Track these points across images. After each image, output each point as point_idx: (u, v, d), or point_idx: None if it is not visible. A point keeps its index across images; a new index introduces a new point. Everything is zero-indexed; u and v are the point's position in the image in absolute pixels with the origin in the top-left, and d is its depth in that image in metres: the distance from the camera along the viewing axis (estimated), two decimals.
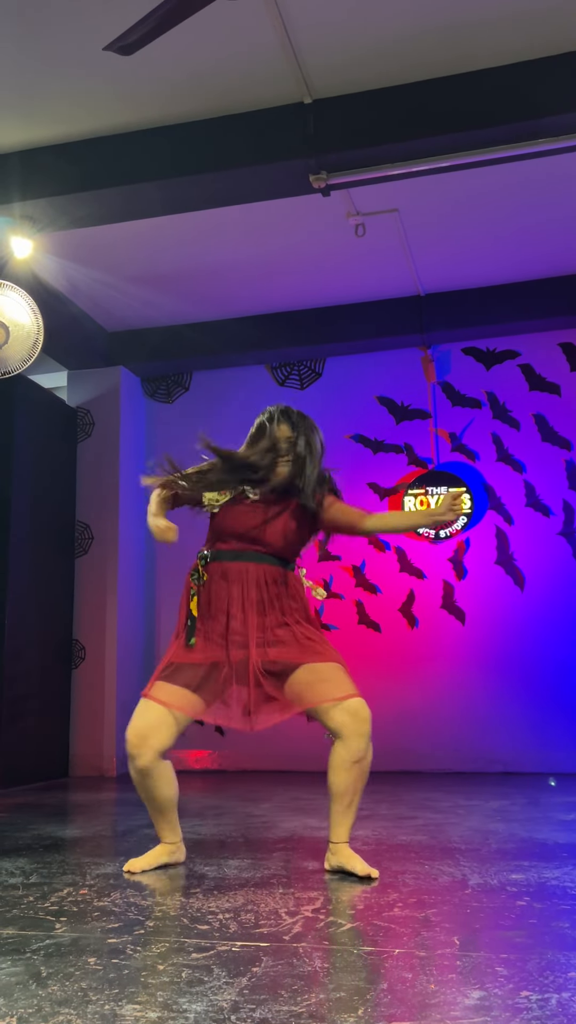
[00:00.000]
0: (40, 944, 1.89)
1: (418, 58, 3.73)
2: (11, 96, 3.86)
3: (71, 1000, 1.54)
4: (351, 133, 3.89)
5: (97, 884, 2.50)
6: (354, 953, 1.81)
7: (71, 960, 1.77)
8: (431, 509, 2.84)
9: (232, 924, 2.03)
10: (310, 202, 4.56)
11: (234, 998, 1.53)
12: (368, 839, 3.21)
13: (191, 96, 3.89)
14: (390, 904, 2.21)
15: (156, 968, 1.71)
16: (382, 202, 4.72)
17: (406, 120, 3.86)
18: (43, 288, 5.28)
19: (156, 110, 3.97)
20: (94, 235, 4.90)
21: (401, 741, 5.76)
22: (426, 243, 5.22)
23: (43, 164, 4.16)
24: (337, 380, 6.39)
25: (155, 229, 4.89)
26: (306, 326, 6.13)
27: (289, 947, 1.84)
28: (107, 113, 3.99)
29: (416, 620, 5.98)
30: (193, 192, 4.17)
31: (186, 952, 1.81)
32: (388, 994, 1.56)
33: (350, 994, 1.55)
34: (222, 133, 4.00)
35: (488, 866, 2.68)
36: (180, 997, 1.54)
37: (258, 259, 5.37)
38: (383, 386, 6.28)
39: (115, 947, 1.86)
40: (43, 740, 5.65)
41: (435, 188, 4.59)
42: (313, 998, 1.53)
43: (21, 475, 5.56)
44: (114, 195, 4.16)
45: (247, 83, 3.82)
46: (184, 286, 5.70)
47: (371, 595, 6.07)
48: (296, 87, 3.84)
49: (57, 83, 3.79)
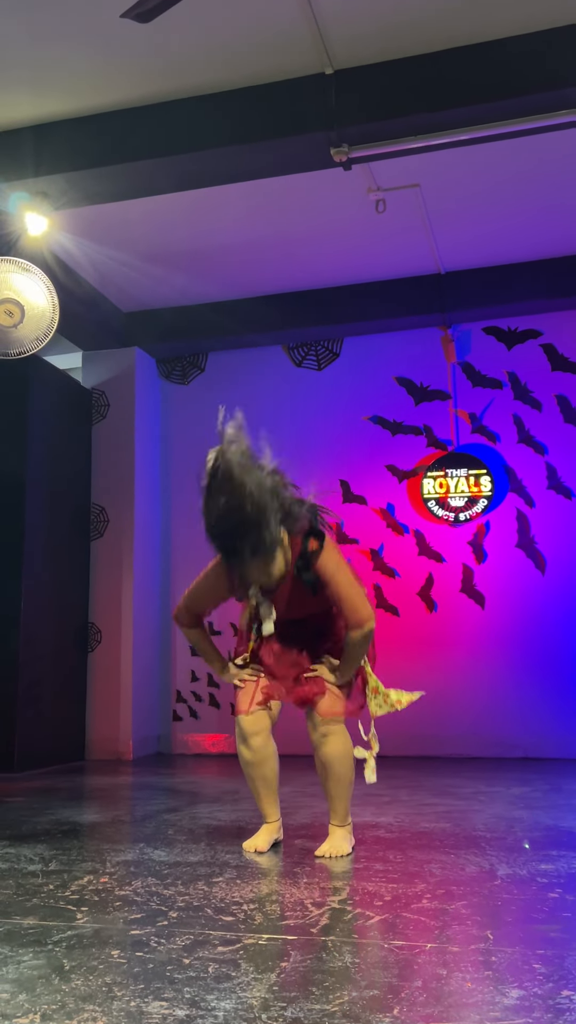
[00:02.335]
0: (62, 935, 1.85)
1: (441, 27, 3.62)
2: (24, 69, 3.77)
3: (95, 995, 1.49)
4: (373, 105, 3.78)
5: (117, 872, 2.46)
6: (385, 947, 1.75)
7: (94, 952, 1.73)
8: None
9: (257, 915, 1.99)
10: (330, 177, 4.46)
11: (263, 995, 1.48)
12: (391, 826, 3.16)
13: (209, 68, 3.79)
14: (418, 896, 2.16)
15: (182, 962, 1.66)
16: (403, 177, 4.61)
17: (429, 91, 3.75)
18: (57, 267, 5.20)
19: (173, 82, 3.87)
20: (109, 212, 4.81)
21: (420, 726, 5.70)
22: (447, 219, 5.10)
23: (58, 139, 4.07)
24: (355, 360, 6.30)
25: (171, 206, 4.80)
26: (324, 305, 6.03)
27: (317, 940, 1.79)
28: (122, 86, 3.89)
29: (435, 604, 5.90)
30: (211, 167, 4.07)
31: (212, 945, 1.76)
32: (423, 992, 1.50)
33: (384, 992, 1.50)
34: (241, 105, 3.90)
35: (515, 856, 2.63)
36: (208, 994, 1.49)
37: (276, 236, 5.28)
38: (402, 366, 6.18)
39: (139, 939, 1.81)
40: (59, 723, 5.62)
41: (457, 163, 4.48)
42: (346, 996, 1.48)
43: (36, 457, 5.51)
44: (130, 170, 4.07)
45: (267, 53, 3.71)
46: (200, 265, 5.60)
47: (389, 579, 6.00)
48: (317, 57, 3.73)
49: (71, 55, 3.70)
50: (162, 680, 6.30)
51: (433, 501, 5.90)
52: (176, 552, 6.43)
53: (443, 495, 5.88)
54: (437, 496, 5.89)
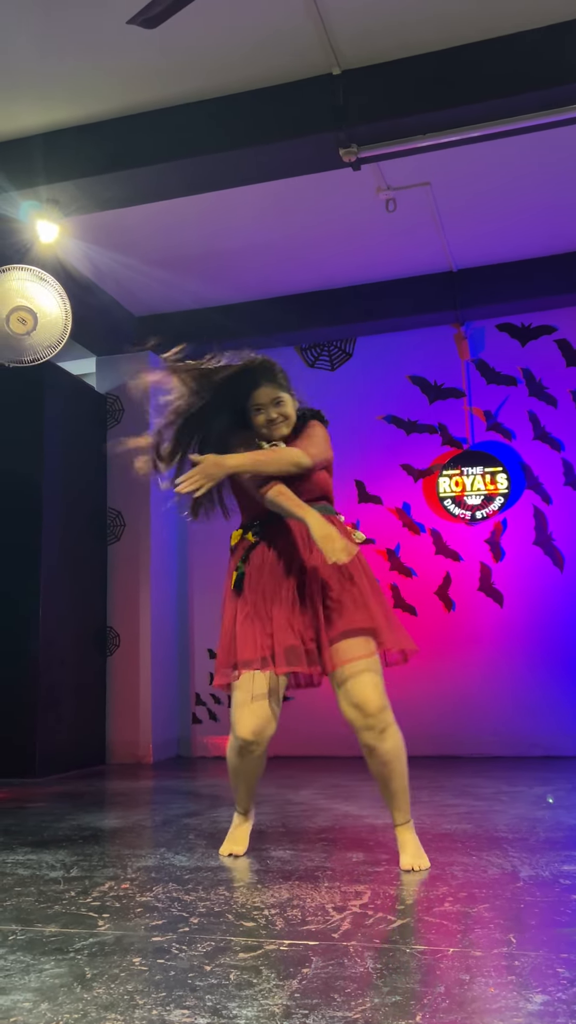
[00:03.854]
0: (84, 943, 1.85)
1: (449, 24, 3.60)
2: (32, 77, 3.78)
3: (117, 1004, 1.49)
4: (381, 104, 3.77)
5: (139, 878, 2.46)
6: (407, 952, 1.74)
7: (115, 960, 1.73)
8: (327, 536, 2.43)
9: (278, 921, 1.98)
10: (339, 177, 4.45)
11: (285, 1002, 1.48)
12: None
13: (216, 71, 3.79)
14: (440, 899, 2.15)
15: (203, 969, 1.65)
16: (413, 176, 4.59)
17: (437, 88, 3.73)
18: (69, 273, 5.22)
19: (180, 87, 3.88)
20: (118, 218, 4.82)
21: (440, 726, 5.68)
22: (458, 217, 5.08)
23: (67, 146, 4.08)
24: (368, 360, 6.28)
25: (180, 210, 4.80)
26: (336, 306, 6.02)
27: (339, 946, 1.78)
28: (129, 92, 3.90)
29: (453, 603, 5.88)
30: (220, 170, 4.07)
31: (233, 952, 1.76)
32: (445, 998, 1.49)
33: (406, 998, 1.49)
34: (248, 108, 3.89)
35: (538, 857, 2.61)
36: (229, 1001, 1.48)
37: (286, 238, 5.27)
38: (415, 365, 6.16)
39: (160, 946, 1.81)
40: (79, 728, 5.64)
41: (467, 160, 4.46)
42: (367, 1002, 1.47)
43: (52, 463, 5.53)
44: (140, 176, 4.08)
45: (273, 55, 3.71)
46: (211, 268, 5.61)
47: (406, 578, 5.98)
48: (324, 58, 3.73)
49: (78, 62, 3.70)
50: (180, 683, 6.31)
51: (449, 500, 5.88)
52: (193, 555, 6.44)
53: (459, 493, 5.86)
54: (453, 494, 5.87)
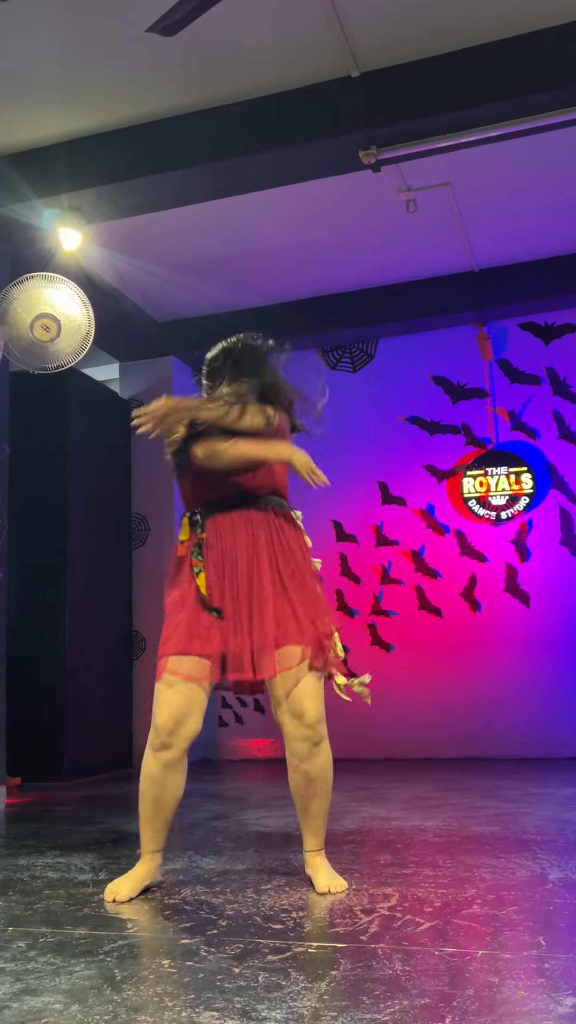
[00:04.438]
0: (113, 945, 1.86)
1: (466, 24, 3.59)
2: (54, 86, 3.82)
3: (147, 1006, 1.50)
4: (401, 105, 3.77)
5: (166, 881, 2.47)
6: (435, 955, 1.74)
7: (144, 963, 1.74)
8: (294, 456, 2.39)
9: (306, 923, 1.98)
10: (359, 180, 4.44)
11: (314, 1004, 1.48)
12: (440, 830, 3.13)
13: (235, 76, 3.81)
14: (468, 901, 2.14)
15: (232, 971, 1.66)
16: (434, 176, 4.58)
17: (457, 88, 3.73)
18: (91, 279, 5.26)
19: (200, 92, 3.90)
20: (139, 224, 4.85)
21: (467, 728, 5.66)
22: (480, 216, 5.06)
23: (89, 153, 4.11)
24: (390, 361, 6.27)
25: (200, 215, 4.82)
26: (357, 307, 6.01)
27: (367, 948, 1.78)
28: (149, 99, 3.92)
29: (479, 604, 5.85)
30: (241, 174, 4.09)
31: (261, 954, 1.76)
32: (475, 1000, 1.48)
33: (435, 1000, 1.49)
34: (268, 112, 3.91)
35: (567, 859, 2.59)
36: (258, 1003, 1.49)
37: (306, 241, 5.28)
38: (438, 366, 6.14)
39: (189, 948, 1.82)
40: (107, 731, 5.67)
41: (488, 159, 4.44)
42: (396, 1005, 1.47)
43: (78, 469, 5.58)
44: (161, 182, 4.11)
45: (292, 59, 3.72)
46: (231, 272, 5.62)
47: (431, 580, 5.96)
48: (343, 60, 3.73)
49: (99, 69, 3.74)
50: None
51: (474, 500, 5.85)
52: None
53: (484, 494, 5.83)
54: (478, 495, 5.84)
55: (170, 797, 2.30)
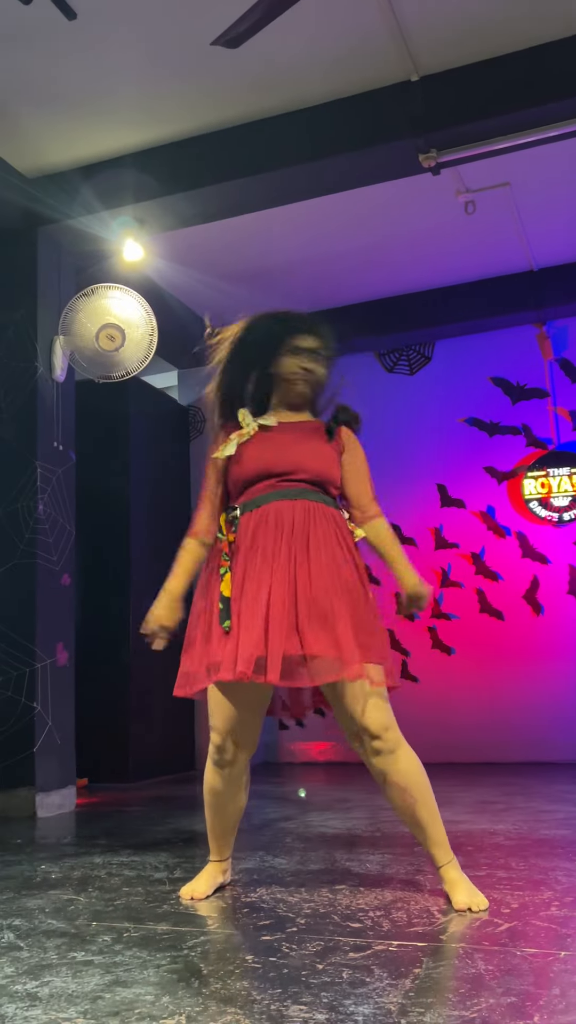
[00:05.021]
0: (195, 940, 1.90)
1: (524, 25, 3.58)
2: (121, 102, 3.90)
3: (235, 999, 1.53)
4: (460, 108, 3.77)
5: (241, 879, 2.51)
6: (517, 955, 1.74)
7: (228, 957, 1.77)
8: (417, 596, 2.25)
9: (384, 922, 2.00)
10: (417, 183, 4.45)
11: (401, 1000, 1.49)
12: (510, 833, 3.12)
13: (295, 84, 3.85)
14: (546, 903, 2.13)
15: (315, 967, 1.68)
16: (492, 176, 4.57)
17: (515, 90, 3.72)
18: (151, 288, 5.35)
19: (259, 102, 3.95)
20: (199, 233, 4.92)
21: (532, 731, 5.60)
22: (539, 216, 5.03)
23: (153, 166, 4.19)
24: (448, 363, 6.25)
25: (258, 224, 4.87)
26: (415, 310, 6.01)
27: (448, 948, 1.79)
28: (212, 109, 3.99)
29: (541, 607, 5.79)
30: (300, 181, 4.13)
31: (343, 951, 1.78)
32: (562, 1000, 1.48)
33: (521, 999, 1.49)
34: (328, 119, 3.94)
35: None
36: (345, 998, 1.51)
37: (362, 246, 5.29)
38: (497, 366, 6.10)
39: (270, 945, 1.85)
40: (169, 733, 5.75)
41: (547, 158, 4.41)
42: (483, 1002, 1.48)
43: (139, 475, 5.67)
44: (221, 191, 4.16)
45: (351, 66, 3.75)
46: (288, 279, 5.66)
47: (492, 583, 5.92)
48: (402, 65, 3.75)
49: (164, 85, 3.81)
50: None
51: (535, 501, 5.80)
52: None
53: (545, 495, 5.77)
54: (539, 496, 5.79)
55: (240, 807, 2.33)
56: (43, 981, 1.66)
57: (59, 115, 3.96)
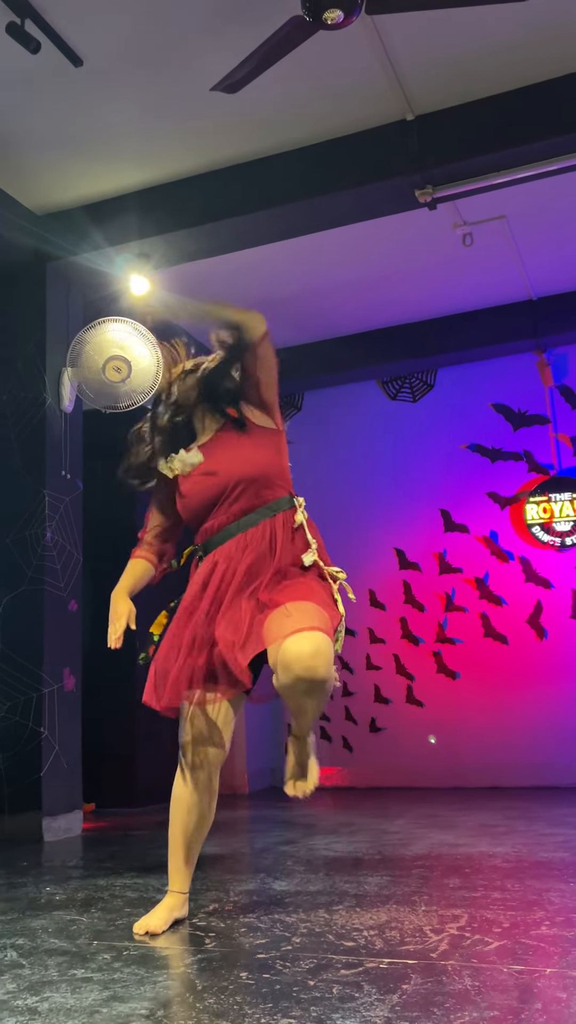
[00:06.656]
0: (193, 959, 1.95)
1: (517, 64, 3.70)
2: (126, 142, 4.04)
3: (227, 1013, 1.58)
4: (455, 145, 3.88)
5: (240, 900, 2.56)
6: (504, 971, 1.79)
7: (223, 974, 1.82)
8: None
9: (378, 941, 2.04)
10: (415, 216, 4.56)
11: (386, 1015, 1.54)
12: (508, 856, 3.15)
13: (293, 124, 3.98)
14: (537, 922, 2.17)
15: (307, 984, 1.73)
16: (489, 210, 4.68)
17: (509, 127, 3.83)
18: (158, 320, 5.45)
19: (260, 141, 4.07)
20: (205, 267, 5.04)
21: (534, 755, 5.62)
22: (536, 246, 5.13)
23: (157, 202, 4.33)
24: (450, 390, 6.34)
25: (261, 257, 4.98)
26: (416, 339, 6.11)
27: (437, 965, 1.84)
28: (213, 149, 4.12)
29: (545, 631, 5.83)
30: (300, 218, 4.25)
31: (335, 968, 1.83)
32: (543, 1014, 1.53)
33: (504, 1013, 1.54)
34: (326, 157, 4.06)
35: None
36: (333, 1013, 1.56)
37: (364, 277, 5.41)
38: (498, 393, 6.19)
39: (264, 962, 1.90)
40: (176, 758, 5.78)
41: (542, 191, 4.51)
42: (466, 1016, 1.53)
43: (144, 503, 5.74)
44: (224, 228, 4.29)
45: (349, 106, 3.87)
46: (292, 310, 5.77)
47: (496, 607, 5.96)
48: (398, 105, 3.87)
49: (167, 126, 3.95)
50: (274, 713, 6.41)
51: (538, 527, 5.86)
52: None
53: (547, 520, 5.83)
54: (541, 521, 5.85)
55: (206, 826, 2.35)
56: (43, 996, 1.72)
57: (66, 156, 4.10)
